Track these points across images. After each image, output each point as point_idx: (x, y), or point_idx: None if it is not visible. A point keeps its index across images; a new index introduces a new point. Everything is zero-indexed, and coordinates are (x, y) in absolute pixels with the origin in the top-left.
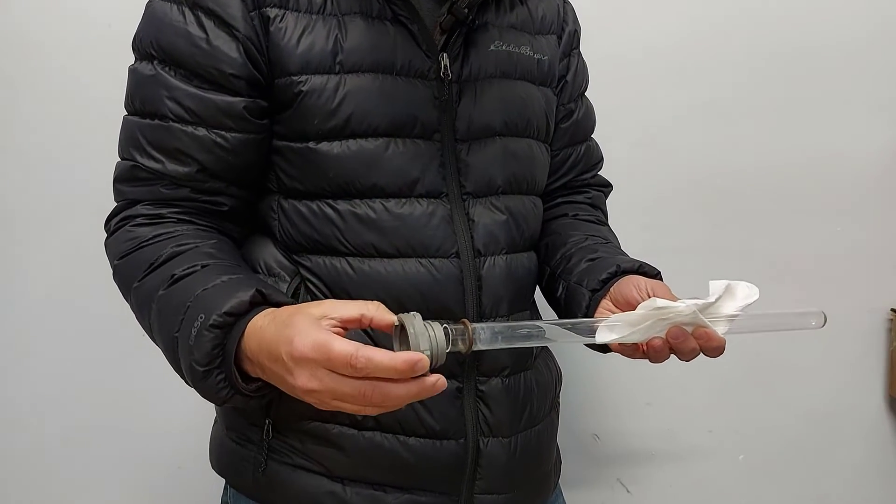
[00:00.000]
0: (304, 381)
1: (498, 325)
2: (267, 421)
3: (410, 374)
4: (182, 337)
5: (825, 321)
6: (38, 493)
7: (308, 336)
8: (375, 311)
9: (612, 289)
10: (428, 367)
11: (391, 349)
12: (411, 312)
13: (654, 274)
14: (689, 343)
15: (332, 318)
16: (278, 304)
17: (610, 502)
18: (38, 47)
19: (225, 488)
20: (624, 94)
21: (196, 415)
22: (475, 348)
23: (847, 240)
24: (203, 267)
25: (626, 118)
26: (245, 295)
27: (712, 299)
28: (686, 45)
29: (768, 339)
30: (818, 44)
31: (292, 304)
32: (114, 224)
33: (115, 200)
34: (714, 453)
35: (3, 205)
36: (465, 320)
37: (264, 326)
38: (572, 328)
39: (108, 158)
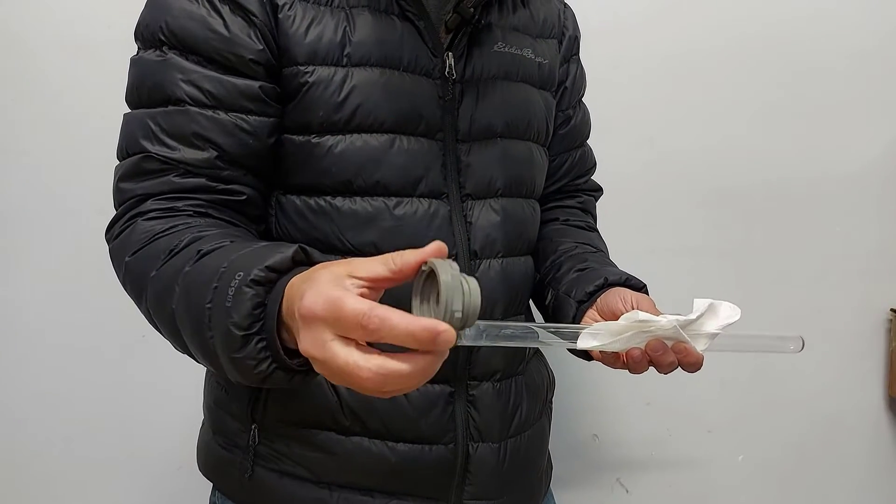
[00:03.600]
0: (306, 346)
1: (483, 323)
2: (253, 426)
3: (429, 347)
4: (216, 305)
5: (803, 346)
6: (38, 492)
7: (321, 293)
8: (400, 258)
9: (598, 300)
10: (452, 343)
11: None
12: (446, 259)
13: (641, 287)
14: (667, 356)
15: (357, 278)
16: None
17: (609, 502)
18: (37, 48)
19: (213, 491)
20: (624, 95)
21: (196, 415)
22: (459, 343)
23: (847, 240)
24: (231, 242)
25: (625, 119)
26: (288, 251)
27: (693, 316)
28: (686, 46)
29: None
30: (819, 45)
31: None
32: (119, 226)
33: (118, 204)
34: (714, 454)
35: (4, 205)
36: None
37: (294, 283)
38: (556, 332)
39: (108, 159)
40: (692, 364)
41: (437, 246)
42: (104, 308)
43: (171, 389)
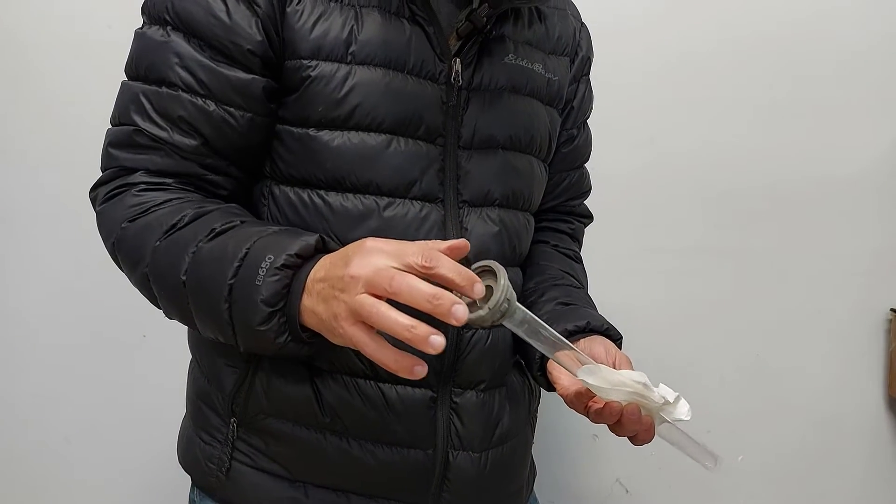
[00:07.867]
0: (354, 269)
1: (531, 316)
2: (232, 420)
3: (468, 292)
4: (241, 282)
5: (716, 465)
6: (40, 491)
7: (389, 241)
8: (436, 246)
9: (582, 342)
10: (476, 297)
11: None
12: (502, 267)
13: (618, 338)
14: (636, 425)
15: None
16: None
17: (609, 502)
18: (38, 47)
19: (191, 487)
20: (624, 95)
21: None
22: (504, 321)
23: (847, 240)
24: (242, 223)
25: (626, 119)
26: (311, 239)
27: (671, 399)
28: (687, 47)
29: (768, 338)
30: (819, 44)
31: None
32: (107, 192)
33: (105, 167)
34: None
35: (4, 204)
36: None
37: (325, 259)
38: (570, 357)
39: None
40: (644, 440)
41: (461, 243)
42: (104, 308)
43: (170, 389)
